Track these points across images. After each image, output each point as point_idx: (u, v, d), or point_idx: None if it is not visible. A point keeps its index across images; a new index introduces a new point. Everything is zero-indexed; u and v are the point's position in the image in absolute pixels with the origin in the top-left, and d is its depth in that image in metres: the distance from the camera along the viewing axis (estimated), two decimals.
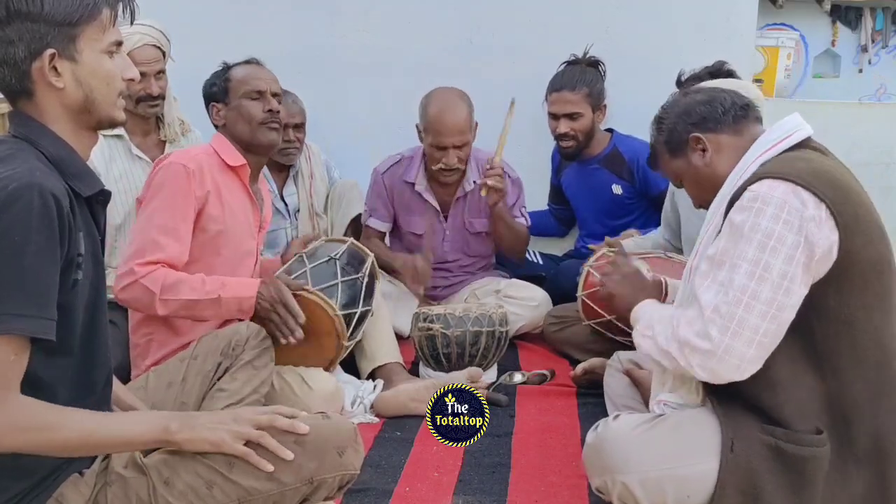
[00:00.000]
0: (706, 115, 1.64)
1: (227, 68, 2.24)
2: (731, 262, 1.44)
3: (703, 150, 1.64)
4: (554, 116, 3.08)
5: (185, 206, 2.04)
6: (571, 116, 3.04)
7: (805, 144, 1.56)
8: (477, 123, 2.88)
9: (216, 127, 2.26)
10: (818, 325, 1.46)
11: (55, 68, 1.22)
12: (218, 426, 1.27)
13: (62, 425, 1.18)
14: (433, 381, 2.32)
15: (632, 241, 2.90)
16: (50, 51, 1.21)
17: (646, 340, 1.58)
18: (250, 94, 2.18)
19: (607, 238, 2.69)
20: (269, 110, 2.17)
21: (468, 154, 2.86)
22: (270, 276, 2.30)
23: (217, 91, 2.21)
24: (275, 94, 2.22)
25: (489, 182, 2.74)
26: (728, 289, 1.43)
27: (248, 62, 2.25)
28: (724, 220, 1.51)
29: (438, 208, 3.00)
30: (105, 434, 1.22)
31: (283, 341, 2.02)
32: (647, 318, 1.63)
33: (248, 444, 1.27)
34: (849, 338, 1.46)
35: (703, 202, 1.70)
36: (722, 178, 1.59)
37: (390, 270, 2.97)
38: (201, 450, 1.27)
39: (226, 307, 2.00)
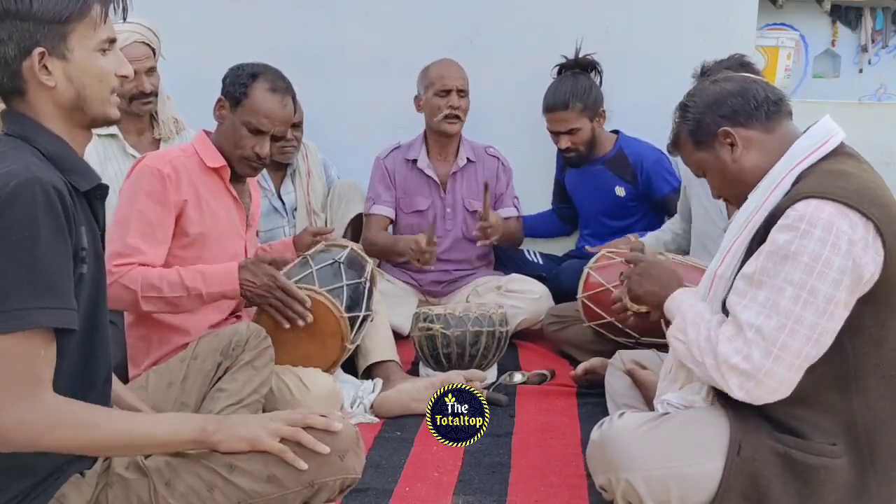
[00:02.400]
0: (738, 108, 1.56)
1: (253, 77, 2.12)
2: (774, 283, 1.40)
3: (732, 145, 1.56)
4: (553, 133, 3.10)
5: (162, 212, 2.02)
6: (570, 132, 3.05)
7: (839, 150, 1.52)
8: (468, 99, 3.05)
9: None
10: (850, 344, 1.43)
11: (45, 67, 1.22)
12: (254, 425, 1.28)
13: (100, 424, 1.18)
14: (432, 380, 2.32)
15: (650, 234, 2.90)
16: (39, 49, 1.20)
17: (678, 344, 1.55)
18: (252, 126, 2.11)
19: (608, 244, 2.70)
20: (257, 154, 2.12)
21: (467, 108, 3.02)
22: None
23: (233, 93, 2.13)
24: (277, 138, 2.16)
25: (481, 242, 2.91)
26: (772, 312, 1.39)
27: (274, 89, 2.12)
28: (756, 231, 1.48)
29: (438, 181, 3.09)
30: (142, 434, 1.22)
31: (286, 325, 2.04)
32: (679, 317, 1.58)
33: (283, 441, 1.27)
34: (876, 356, 1.44)
35: (724, 195, 1.65)
36: (748, 175, 1.55)
37: (393, 258, 3.02)
38: (238, 449, 1.26)
39: (209, 300, 2.03)
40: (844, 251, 1.36)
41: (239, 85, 2.12)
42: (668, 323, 1.67)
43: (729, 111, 1.56)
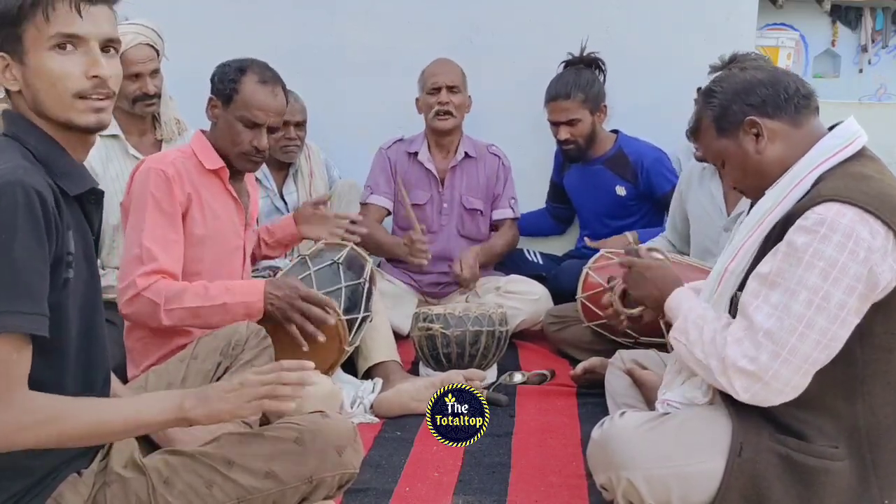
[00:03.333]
0: (767, 98, 1.51)
1: (241, 71, 2.11)
2: (788, 286, 1.38)
3: (757, 136, 1.52)
4: (553, 123, 3.10)
5: (172, 213, 2.01)
6: (570, 123, 3.05)
7: (862, 153, 1.50)
8: (470, 97, 3.09)
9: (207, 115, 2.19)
10: (861, 351, 1.42)
11: (11, 71, 1.21)
12: (229, 394, 1.26)
13: (72, 414, 1.16)
14: (432, 380, 2.31)
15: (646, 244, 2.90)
16: None
17: (679, 346, 1.54)
18: (247, 120, 2.09)
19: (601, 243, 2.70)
20: (255, 147, 2.11)
21: (461, 104, 3.04)
22: (286, 235, 2.39)
23: (223, 91, 2.12)
24: (272, 129, 2.14)
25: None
26: (784, 315, 1.38)
27: (264, 80, 2.12)
28: (772, 229, 1.47)
29: (437, 176, 3.10)
30: (119, 419, 1.20)
31: (305, 347, 2.04)
32: (681, 318, 1.57)
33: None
34: (885, 363, 1.43)
35: (741, 186, 1.62)
36: (770, 168, 1.52)
37: (391, 257, 3.03)
38: (219, 421, 1.25)
39: (232, 313, 1.99)
40: (862, 258, 1.35)
41: (228, 81, 2.11)
42: (668, 325, 1.66)
43: (758, 100, 1.53)
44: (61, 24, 1.19)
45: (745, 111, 1.53)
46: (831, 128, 1.55)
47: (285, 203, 3.08)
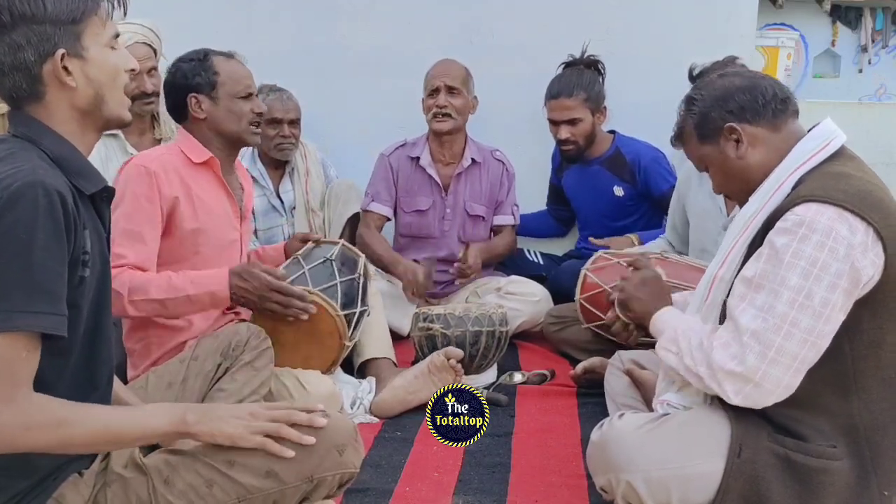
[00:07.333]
0: (745, 104, 1.54)
1: (205, 59, 2.14)
2: (771, 287, 1.40)
3: (738, 142, 1.55)
4: (554, 122, 3.09)
5: (149, 209, 2.00)
6: (571, 122, 3.03)
7: (841, 153, 1.51)
8: (476, 98, 3.06)
9: (182, 118, 2.17)
10: (850, 347, 1.43)
11: (66, 68, 1.22)
12: (235, 419, 1.27)
13: (76, 420, 1.17)
14: (420, 369, 2.31)
15: (648, 244, 2.90)
16: (61, 50, 1.21)
17: (669, 356, 1.55)
18: (241, 94, 2.14)
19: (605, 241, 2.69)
20: (258, 112, 2.16)
21: (462, 106, 2.99)
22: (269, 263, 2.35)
23: (203, 83, 2.13)
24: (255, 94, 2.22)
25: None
26: (768, 315, 1.39)
27: (226, 56, 2.18)
28: (756, 233, 1.48)
29: (440, 183, 3.09)
30: (121, 427, 1.21)
31: (290, 320, 2.06)
32: (669, 330, 1.59)
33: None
34: (875, 358, 1.44)
35: (725, 191, 1.65)
36: (752, 172, 1.54)
37: (388, 270, 2.99)
38: (217, 442, 1.26)
39: (198, 303, 2.00)
40: (842, 255, 1.36)
41: (203, 73, 2.13)
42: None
43: (736, 107, 1.55)
44: (113, 24, 1.27)
45: (725, 118, 1.56)
46: (811, 129, 1.56)
47: (282, 202, 3.09)
